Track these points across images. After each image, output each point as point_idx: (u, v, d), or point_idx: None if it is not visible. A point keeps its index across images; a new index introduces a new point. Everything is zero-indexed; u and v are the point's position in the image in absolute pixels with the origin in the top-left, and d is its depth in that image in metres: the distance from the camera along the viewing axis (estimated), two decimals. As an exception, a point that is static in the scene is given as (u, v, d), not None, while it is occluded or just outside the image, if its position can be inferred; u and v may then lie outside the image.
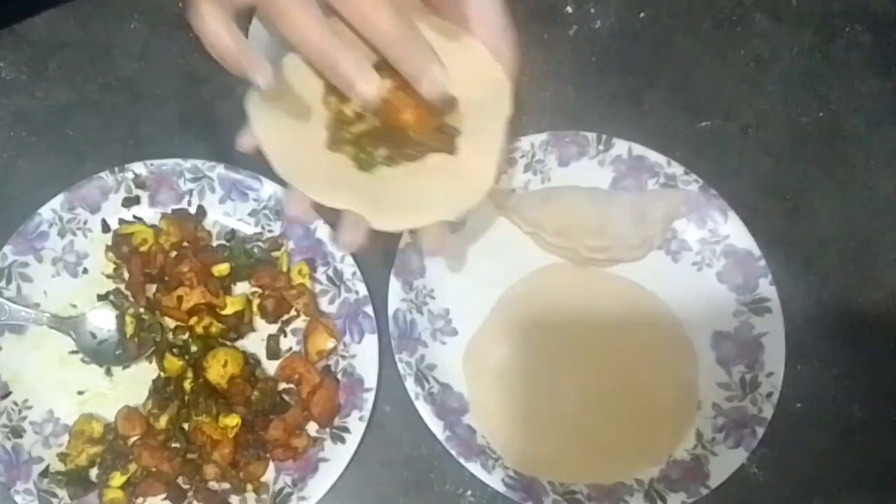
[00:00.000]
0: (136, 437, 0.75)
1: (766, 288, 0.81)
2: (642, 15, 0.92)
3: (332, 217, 0.67)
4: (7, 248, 0.79)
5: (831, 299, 0.84)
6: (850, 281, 0.84)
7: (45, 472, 0.74)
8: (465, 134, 0.62)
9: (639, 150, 0.84)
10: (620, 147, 0.84)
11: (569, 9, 0.91)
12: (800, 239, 0.85)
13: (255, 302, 0.80)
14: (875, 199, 0.87)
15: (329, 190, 0.60)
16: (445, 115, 0.62)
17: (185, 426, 0.75)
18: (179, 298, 0.78)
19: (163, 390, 0.76)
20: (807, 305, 0.83)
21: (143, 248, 0.80)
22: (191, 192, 0.82)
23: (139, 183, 0.81)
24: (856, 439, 0.80)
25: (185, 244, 0.80)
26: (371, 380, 0.77)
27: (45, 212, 0.80)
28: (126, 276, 0.80)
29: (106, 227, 0.81)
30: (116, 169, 0.81)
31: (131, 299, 0.79)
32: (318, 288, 0.80)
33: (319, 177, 0.61)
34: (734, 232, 0.82)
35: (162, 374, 0.77)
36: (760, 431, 0.77)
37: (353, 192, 0.61)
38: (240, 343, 0.79)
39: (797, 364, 0.80)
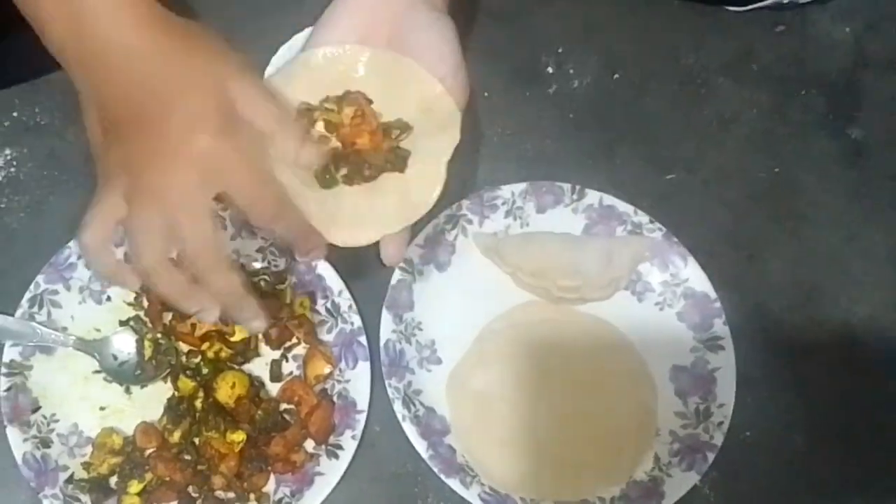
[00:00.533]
0: (152, 450, 0.83)
1: (721, 327, 0.89)
2: (616, 76, 1.00)
3: (332, 255, 0.76)
4: (40, 278, 0.86)
5: (779, 339, 0.92)
6: (796, 323, 0.92)
7: (70, 479, 0.81)
8: (416, 156, 0.73)
9: (609, 199, 0.92)
10: (592, 197, 0.92)
11: (549, 69, 1.00)
12: (753, 284, 0.93)
13: (261, 330, 0.88)
14: (822, 250, 0.95)
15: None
16: (399, 140, 0.72)
17: (196, 441, 0.83)
18: (193, 326, 0.86)
19: (176, 408, 0.83)
20: (756, 344, 0.91)
21: (162, 280, 0.88)
22: (205, 230, 0.90)
23: (159, 221, 0.89)
24: (798, 465, 0.88)
25: (199, 277, 0.88)
26: (363, 402, 0.85)
27: (74, 245, 0.87)
28: (145, 304, 0.88)
29: (128, 259, 0.89)
30: (139, 208, 0.89)
31: (150, 325, 0.87)
32: (317, 318, 0.88)
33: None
34: (693, 276, 0.91)
35: (176, 393, 0.85)
36: (711, 456, 0.84)
37: (314, 207, 0.71)
38: (246, 367, 0.87)
39: (747, 396, 0.88)
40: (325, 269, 0.88)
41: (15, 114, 0.95)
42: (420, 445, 0.83)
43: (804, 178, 0.98)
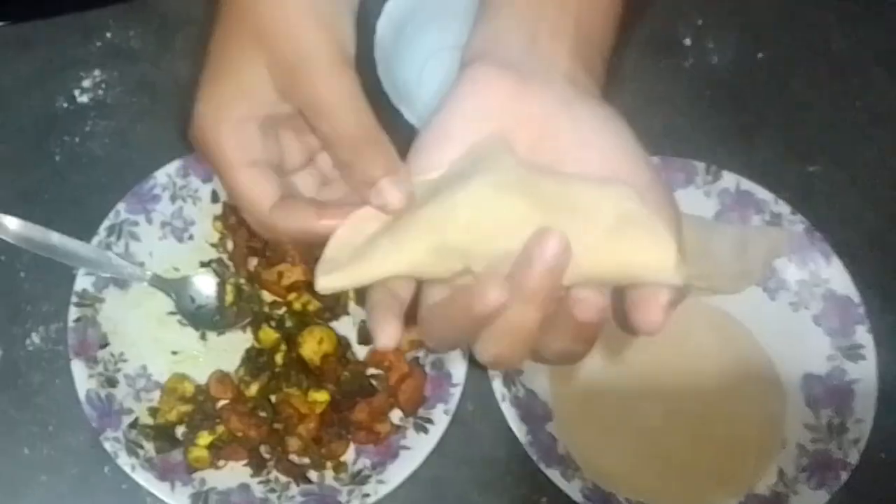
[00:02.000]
0: (225, 402, 0.75)
1: (863, 335, 0.79)
2: (760, 55, 0.92)
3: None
4: (120, 206, 0.79)
5: (927, 353, 0.82)
6: (947, 338, 0.83)
7: (133, 424, 0.74)
8: None
9: (747, 185, 0.83)
10: (729, 180, 0.83)
11: (687, 41, 0.92)
12: (899, 290, 0.84)
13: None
14: (978, 261, 0.86)
15: None
16: None
17: (274, 397, 0.75)
18: (280, 274, 0.78)
19: (256, 360, 0.76)
20: (901, 357, 0.82)
21: (250, 221, 0.81)
22: (302, 172, 0.83)
23: (253, 159, 0.82)
24: (940, 495, 0.78)
25: (292, 222, 0.81)
26: (459, 376, 0.76)
27: (160, 175, 0.81)
28: (230, 246, 0.81)
29: (216, 198, 0.82)
30: (234, 142, 0.82)
31: (233, 269, 0.80)
32: (416, 279, 0.80)
33: None
34: (835, 276, 0.81)
35: (256, 344, 0.77)
36: (844, 476, 0.75)
37: None
38: (333, 324, 0.79)
39: (886, 415, 0.79)
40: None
41: (109, 34, 0.89)
42: (519, 429, 0.74)
43: (961, 184, 0.88)
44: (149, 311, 0.79)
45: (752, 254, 0.81)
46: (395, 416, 0.76)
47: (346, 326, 0.80)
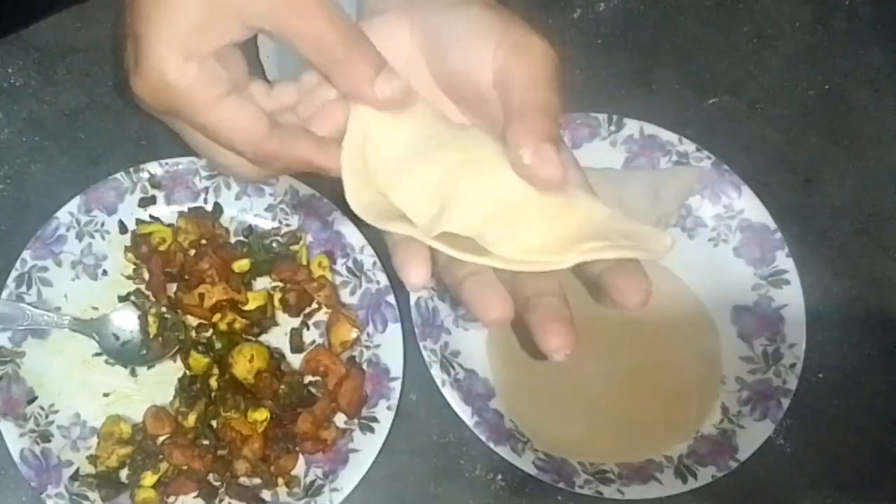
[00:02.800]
0: (165, 436, 0.72)
1: (784, 260, 0.78)
2: (645, -4, 0.89)
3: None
4: (26, 254, 0.75)
5: (846, 269, 0.81)
6: (864, 250, 0.82)
7: (75, 476, 0.71)
8: None
9: (650, 128, 0.81)
10: (632, 127, 0.81)
11: (572, -8, 0.89)
12: (813, 210, 0.83)
13: (277, 296, 0.77)
14: (884, 168, 0.85)
15: None
16: None
17: (214, 423, 0.72)
18: (201, 296, 0.75)
19: (189, 388, 0.72)
20: (822, 276, 0.80)
21: (162, 248, 0.76)
22: (207, 189, 0.79)
23: (154, 183, 0.78)
24: (879, 406, 0.77)
25: (204, 242, 0.77)
26: (397, 369, 0.74)
27: (63, 215, 0.77)
28: (146, 276, 0.77)
29: (123, 228, 0.78)
30: (131, 169, 0.78)
31: (153, 299, 0.76)
32: (338, 280, 0.77)
33: None
34: (749, 206, 0.80)
35: (188, 372, 0.74)
36: (786, 402, 0.74)
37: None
38: (263, 338, 0.76)
39: (816, 335, 0.77)
40: (343, 224, 0.77)
41: (-13, 76, 0.83)
42: (464, 412, 0.72)
43: (857, 93, 0.87)
44: (72, 356, 0.75)
45: (664, 197, 0.79)
46: (340, 420, 0.74)
47: (276, 338, 0.77)
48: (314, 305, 0.77)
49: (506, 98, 0.50)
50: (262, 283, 0.78)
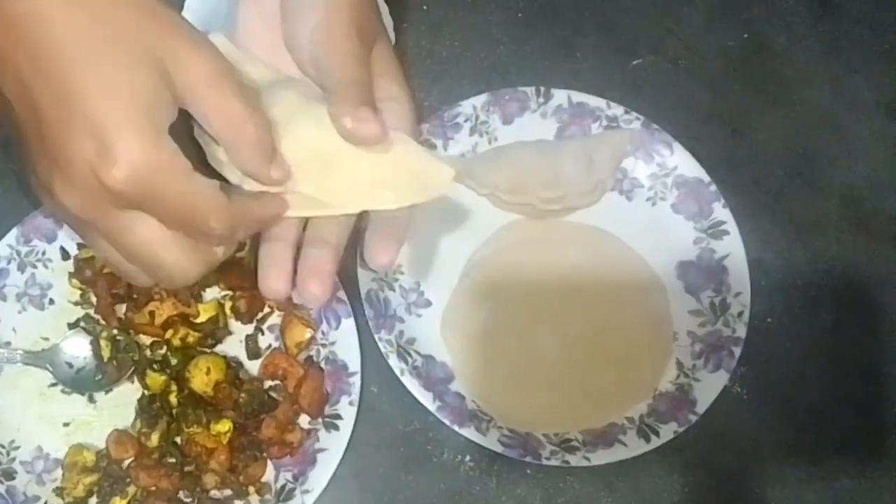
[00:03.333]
0: (130, 460, 0.70)
1: (721, 211, 0.78)
2: (559, -37, 0.88)
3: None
4: (-32, 291, 0.73)
5: (783, 213, 0.81)
6: (798, 193, 0.82)
7: (44, 510, 0.69)
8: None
9: (578, 97, 0.80)
10: (560, 97, 0.80)
11: (488, -32, 0.88)
12: (745, 159, 0.83)
13: (228, 305, 0.75)
14: (809, 111, 0.85)
15: None
16: None
17: (178, 440, 0.71)
18: (151, 314, 0.73)
19: (149, 408, 0.71)
20: (761, 223, 0.80)
21: (107, 270, 0.74)
22: (144, 206, 0.77)
23: (90, 206, 0.76)
24: (829, 343, 0.78)
25: (147, 259, 0.75)
26: (355, 363, 0.73)
27: (2, 248, 0.74)
28: (94, 300, 0.75)
29: (66, 255, 0.76)
30: (65, 195, 0.76)
31: (103, 322, 0.74)
32: (287, 282, 0.76)
33: None
34: (682, 162, 0.79)
35: (146, 392, 0.72)
36: (737, 351, 0.74)
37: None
38: (219, 348, 0.74)
39: (761, 280, 0.78)
40: (284, 226, 0.75)
41: None
42: (425, 398, 0.72)
43: (776, 39, 0.87)
44: (27, 389, 0.73)
45: (598, 163, 0.79)
46: (304, 421, 0.73)
47: (232, 346, 0.75)
48: (266, 310, 0.76)
49: (321, 76, 0.57)
50: (212, 293, 0.76)
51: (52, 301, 0.76)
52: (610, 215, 0.79)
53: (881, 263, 0.80)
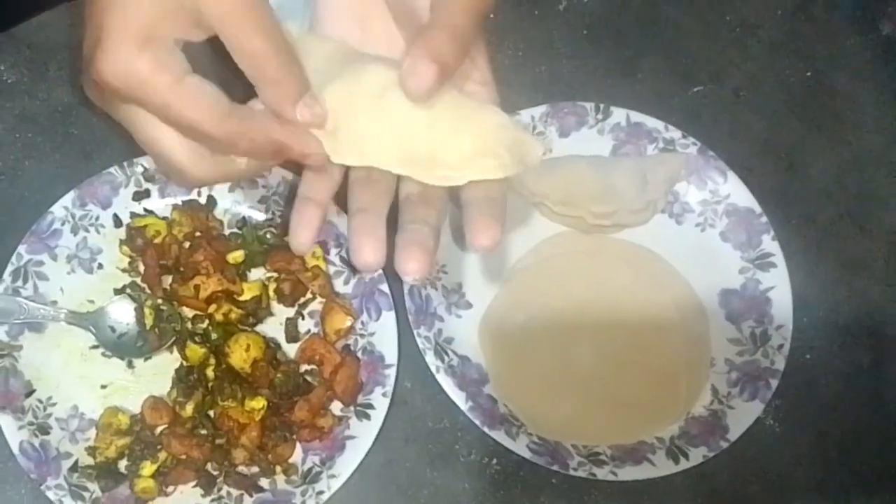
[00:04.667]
0: (163, 427, 0.71)
1: (769, 243, 0.77)
2: (629, -14, 0.88)
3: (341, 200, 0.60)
4: (22, 248, 0.74)
5: (831, 251, 0.80)
6: (847, 231, 0.81)
7: (74, 467, 0.69)
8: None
9: (636, 116, 0.80)
10: (618, 115, 0.80)
11: (557, -16, 0.88)
12: (797, 194, 0.82)
13: (272, 286, 0.76)
14: (864, 151, 0.84)
15: None
16: None
17: (211, 413, 0.71)
18: (196, 287, 0.74)
19: (186, 379, 0.71)
20: (807, 259, 0.79)
21: (157, 240, 0.75)
22: (200, 182, 0.77)
23: (148, 176, 0.77)
24: (865, 384, 0.77)
25: (198, 234, 0.76)
26: (392, 356, 0.73)
27: (57, 210, 0.75)
28: (141, 268, 0.76)
29: (118, 222, 0.76)
30: (125, 164, 0.76)
31: (148, 291, 0.75)
32: (332, 269, 0.76)
33: None
34: (734, 191, 0.79)
35: (184, 362, 0.72)
36: (774, 383, 0.73)
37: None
38: (259, 328, 0.75)
39: (803, 316, 0.77)
40: (335, 214, 0.75)
41: (-22, 74, 0.82)
42: (458, 397, 0.71)
43: (838, 79, 0.86)
44: (70, 349, 0.74)
45: (652, 183, 0.79)
46: (336, 407, 0.73)
47: (272, 328, 0.75)
48: (308, 295, 0.76)
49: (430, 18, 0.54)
50: (257, 273, 0.77)
51: (100, 266, 0.76)
52: (658, 236, 0.79)
53: (927, 306, 0.79)
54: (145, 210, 0.77)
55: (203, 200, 0.77)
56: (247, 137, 0.53)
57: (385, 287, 0.74)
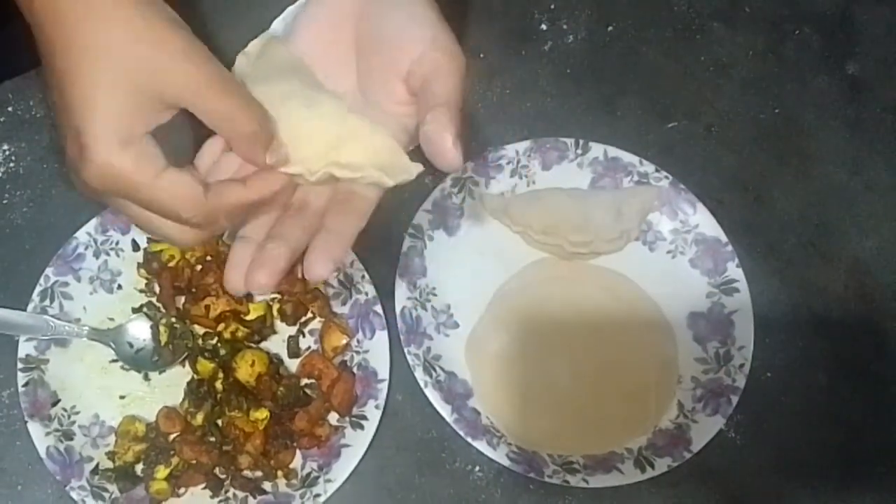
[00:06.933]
0: (176, 434, 0.78)
1: (734, 270, 0.85)
2: (610, 28, 0.96)
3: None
4: (49, 270, 0.81)
5: (793, 278, 0.88)
6: (809, 261, 0.88)
7: (95, 470, 0.77)
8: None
9: (614, 151, 0.88)
10: (597, 150, 0.88)
11: (543, 26, 0.95)
12: (762, 226, 0.89)
13: (276, 307, 0.83)
14: (828, 186, 0.91)
15: None
16: None
17: (219, 422, 0.78)
18: (207, 307, 0.81)
19: (197, 391, 0.79)
20: (771, 285, 0.87)
21: (172, 264, 0.83)
22: (211, 210, 0.85)
23: (164, 205, 0.85)
24: (821, 402, 0.84)
25: (209, 258, 0.83)
26: (384, 371, 0.80)
27: (81, 235, 0.83)
28: (157, 289, 0.83)
29: (136, 247, 0.84)
30: (143, 193, 0.84)
31: (163, 310, 0.82)
32: (331, 291, 0.84)
33: None
34: (703, 222, 0.86)
35: (195, 376, 0.80)
36: (735, 399, 0.80)
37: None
38: (263, 345, 0.83)
39: (765, 338, 0.84)
40: (334, 241, 0.83)
41: (10, 108, 0.89)
42: (444, 410, 0.79)
43: (805, 116, 0.94)
44: (92, 362, 0.82)
45: (626, 214, 0.86)
46: (333, 418, 0.80)
47: (275, 345, 0.83)
48: (309, 315, 0.84)
49: (427, 90, 0.60)
50: (262, 295, 0.84)
51: (119, 286, 0.84)
52: (632, 263, 0.86)
53: (880, 334, 0.86)
54: (161, 236, 0.85)
55: (214, 227, 0.85)
56: (223, 212, 0.59)
57: (379, 308, 0.82)
